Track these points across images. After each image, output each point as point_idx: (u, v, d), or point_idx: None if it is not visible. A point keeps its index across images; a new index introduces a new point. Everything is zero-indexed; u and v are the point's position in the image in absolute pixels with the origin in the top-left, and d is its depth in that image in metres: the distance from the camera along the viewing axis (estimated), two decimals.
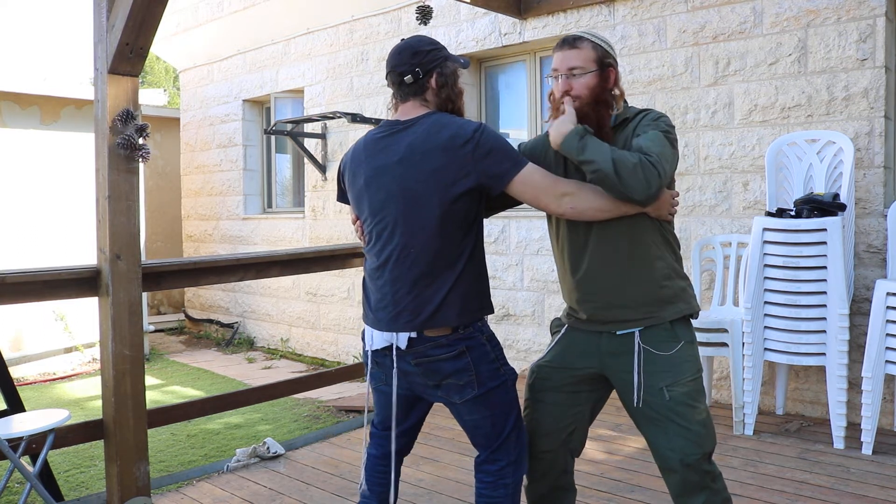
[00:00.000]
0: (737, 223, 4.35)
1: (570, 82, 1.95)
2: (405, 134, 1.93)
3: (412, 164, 1.88)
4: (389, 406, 2.06)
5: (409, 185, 1.88)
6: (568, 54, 1.98)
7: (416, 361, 1.93)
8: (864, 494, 2.95)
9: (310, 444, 3.86)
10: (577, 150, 1.86)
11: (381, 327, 1.96)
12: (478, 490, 2.06)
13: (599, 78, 1.97)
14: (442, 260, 1.89)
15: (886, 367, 3.41)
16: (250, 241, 7.97)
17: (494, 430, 1.99)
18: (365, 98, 6.54)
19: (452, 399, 1.97)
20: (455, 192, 1.87)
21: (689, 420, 1.94)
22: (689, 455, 1.94)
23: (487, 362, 1.96)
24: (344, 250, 4.26)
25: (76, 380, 6.72)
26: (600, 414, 2.24)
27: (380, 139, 1.97)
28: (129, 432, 2.96)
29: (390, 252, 1.93)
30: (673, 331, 1.97)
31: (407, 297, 1.91)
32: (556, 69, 2.00)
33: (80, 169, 6.88)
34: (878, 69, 3.83)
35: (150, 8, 2.77)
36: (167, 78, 24.98)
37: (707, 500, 1.98)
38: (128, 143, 2.89)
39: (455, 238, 1.90)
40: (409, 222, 1.89)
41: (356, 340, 6.77)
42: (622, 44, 4.78)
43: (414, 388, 2.02)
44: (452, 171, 1.86)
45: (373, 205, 1.95)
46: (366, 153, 1.99)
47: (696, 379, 1.98)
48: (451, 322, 1.90)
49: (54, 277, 2.90)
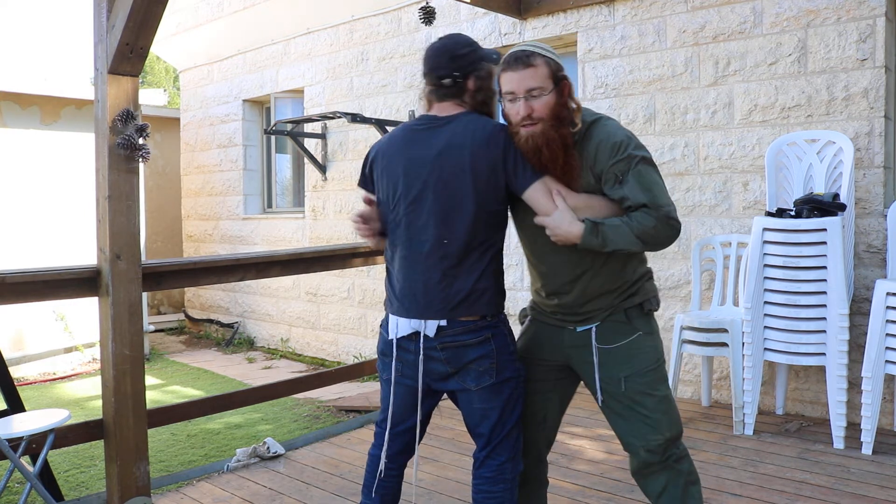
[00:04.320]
0: (737, 223, 4.35)
1: (530, 105, 1.87)
2: (443, 130, 1.98)
3: (450, 159, 1.94)
4: (400, 400, 2.09)
5: (446, 179, 1.95)
6: (523, 74, 1.87)
7: (443, 346, 1.98)
8: (864, 494, 2.95)
9: (310, 444, 3.86)
10: (600, 245, 1.89)
11: (410, 315, 2.00)
12: (476, 486, 2.09)
13: (557, 95, 1.89)
14: (473, 252, 1.97)
15: (886, 367, 3.41)
16: (250, 241, 7.97)
17: (500, 421, 2.04)
18: (365, 98, 6.54)
19: (468, 385, 2.01)
20: (488, 189, 1.95)
21: (648, 408, 2.01)
22: (651, 441, 2.02)
23: (508, 353, 2.04)
24: (344, 250, 4.25)
25: (76, 380, 6.72)
26: (600, 414, 2.24)
27: (418, 132, 2.02)
28: (129, 432, 2.96)
29: (423, 242, 1.98)
30: (630, 323, 2.03)
31: (438, 286, 1.97)
32: (511, 92, 1.89)
33: (80, 169, 6.89)
34: (878, 69, 3.83)
35: (150, 8, 2.77)
36: (167, 78, 24.98)
37: (669, 482, 2.06)
38: (128, 143, 2.89)
39: (485, 233, 1.98)
40: (444, 215, 1.95)
41: (356, 340, 6.77)
42: (622, 44, 4.78)
43: (429, 377, 2.04)
44: (487, 170, 1.94)
45: (408, 195, 2.00)
46: (403, 143, 2.04)
47: (655, 368, 2.04)
48: (480, 310, 1.99)
49: (54, 277, 2.90)
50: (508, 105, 1.92)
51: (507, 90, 1.91)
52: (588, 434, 3.78)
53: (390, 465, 2.18)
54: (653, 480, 2.09)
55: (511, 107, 1.91)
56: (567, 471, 3.25)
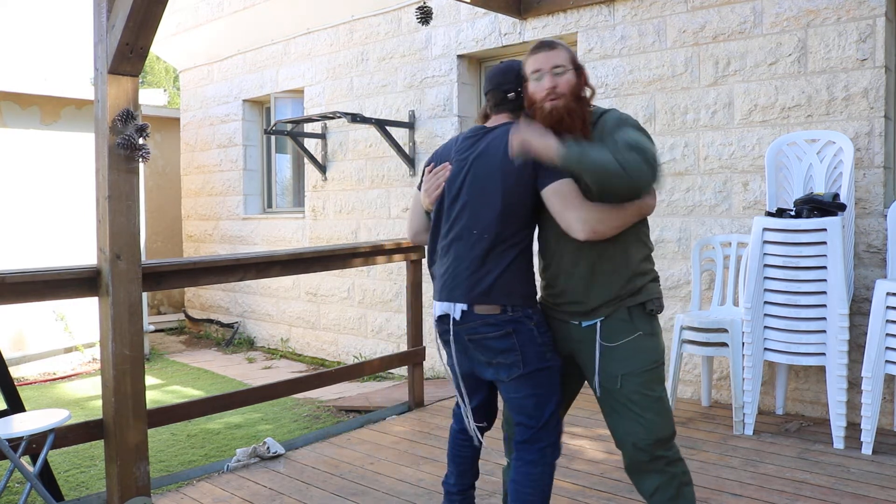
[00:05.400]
0: (737, 223, 4.35)
1: (555, 80, 2.07)
2: (488, 136, 2.22)
3: (486, 159, 2.16)
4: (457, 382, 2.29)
5: (480, 176, 2.16)
6: (549, 54, 2.10)
7: (469, 337, 2.15)
8: (864, 494, 2.95)
9: (310, 444, 3.85)
10: (579, 155, 1.92)
11: (442, 297, 2.20)
12: (517, 468, 2.20)
13: (577, 77, 2.11)
14: (500, 245, 2.12)
15: (886, 367, 3.41)
16: (250, 241, 7.97)
17: (537, 410, 2.17)
18: (365, 98, 6.54)
19: (501, 377, 2.16)
20: (518, 186, 2.10)
21: (641, 408, 2.07)
22: (641, 440, 2.08)
23: (534, 345, 2.14)
24: (344, 250, 4.25)
25: (76, 380, 6.72)
26: (600, 414, 2.25)
27: (468, 139, 2.28)
28: (129, 432, 2.96)
29: (458, 231, 2.18)
30: (631, 322, 2.10)
31: (465, 271, 2.14)
32: (538, 69, 2.09)
33: (80, 169, 6.89)
34: (878, 69, 3.83)
35: (150, 8, 2.77)
36: (167, 78, 24.99)
37: (662, 483, 2.12)
38: (128, 143, 2.89)
39: (513, 228, 2.13)
40: (475, 206, 2.15)
41: (356, 340, 6.78)
42: (622, 44, 4.78)
43: (474, 364, 2.22)
44: (515, 170, 2.09)
45: (450, 191, 2.24)
46: (455, 149, 2.30)
47: (652, 369, 2.10)
48: (499, 301, 2.11)
49: (54, 277, 2.90)
50: (534, 84, 2.10)
51: (534, 69, 2.10)
52: (588, 434, 3.78)
53: (463, 438, 2.42)
54: (646, 479, 2.14)
55: (536, 84, 2.09)
56: (567, 471, 3.25)
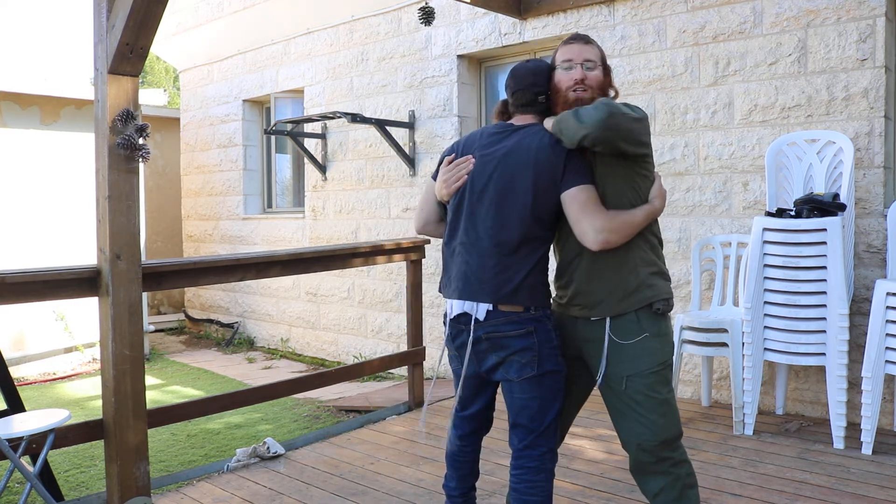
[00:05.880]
0: (737, 223, 4.35)
1: (585, 73, 2.12)
2: (516, 134, 2.19)
3: (516, 157, 2.13)
4: (464, 386, 2.25)
5: (509, 175, 2.13)
6: (584, 48, 2.15)
7: (487, 335, 2.12)
8: (864, 494, 2.95)
9: (310, 444, 3.86)
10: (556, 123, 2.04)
11: (463, 296, 2.15)
12: (517, 476, 2.18)
13: (604, 75, 2.17)
14: (525, 246, 2.11)
15: (886, 367, 3.41)
16: (250, 242, 7.97)
17: (540, 413, 2.15)
18: (365, 98, 6.54)
19: (510, 376, 2.13)
20: (548, 187, 2.09)
21: (647, 409, 2.07)
22: (646, 441, 2.08)
23: (550, 346, 2.14)
24: (344, 250, 4.25)
25: (76, 380, 6.72)
26: (600, 414, 2.25)
27: (494, 134, 2.24)
28: (129, 432, 2.96)
29: (482, 230, 2.14)
30: (639, 322, 2.10)
31: (491, 272, 2.11)
32: (570, 59, 2.14)
33: (80, 169, 6.89)
34: (878, 69, 3.83)
35: (150, 8, 2.77)
36: (167, 78, 25.00)
37: (666, 484, 2.11)
38: (128, 143, 2.89)
39: (538, 230, 2.12)
40: (503, 204, 2.12)
41: (356, 340, 6.78)
42: (622, 44, 4.78)
43: (483, 364, 2.18)
44: (550, 168, 2.09)
45: (473, 187, 2.18)
46: (480, 143, 2.25)
47: (658, 371, 2.09)
48: (524, 302, 2.10)
49: (54, 277, 2.90)
50: (563, 73, 2.14)
51: (565, 58, 2.15)
52: (588, 434, 3.78)
53: (463, 444, 2.35)
54: (650, 480, 2.14)
55: (565, 74, 2.14)
56: (567, 471, 3.25)
